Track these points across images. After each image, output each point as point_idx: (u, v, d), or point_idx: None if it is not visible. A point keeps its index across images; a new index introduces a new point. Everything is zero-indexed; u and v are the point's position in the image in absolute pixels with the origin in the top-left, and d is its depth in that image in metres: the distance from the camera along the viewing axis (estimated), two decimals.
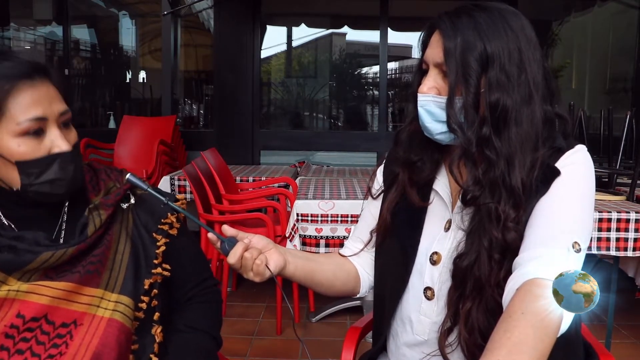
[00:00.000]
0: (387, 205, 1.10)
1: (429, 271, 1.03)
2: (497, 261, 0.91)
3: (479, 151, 0.92)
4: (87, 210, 0.97)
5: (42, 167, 0.92)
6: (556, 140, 0.95)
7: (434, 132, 0.97)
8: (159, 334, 0.99)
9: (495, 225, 0.91)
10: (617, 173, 2.81)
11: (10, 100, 0.89)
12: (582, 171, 0.94)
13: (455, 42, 0.91)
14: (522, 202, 0.91)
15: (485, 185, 0.92)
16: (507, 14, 0.94)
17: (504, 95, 0.90)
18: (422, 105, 0.96)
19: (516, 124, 0.91)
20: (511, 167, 0.90)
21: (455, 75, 0.91)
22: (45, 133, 0.93)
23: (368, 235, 1.16)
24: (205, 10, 5.14)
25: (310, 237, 2.42)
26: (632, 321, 2.92)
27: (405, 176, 1.07)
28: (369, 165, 4.80)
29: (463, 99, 0.91)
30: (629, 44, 5.05)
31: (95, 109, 5.74)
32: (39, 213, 0.98)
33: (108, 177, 1.06)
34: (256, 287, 3.31)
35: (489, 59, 0.90)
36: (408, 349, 1.07)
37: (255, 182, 3.50)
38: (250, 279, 0.99)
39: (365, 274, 1.19)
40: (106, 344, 0.90)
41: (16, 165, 0.91)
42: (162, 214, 1.05)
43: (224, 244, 0.96)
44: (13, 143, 0.90)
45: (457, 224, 1.01)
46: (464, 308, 0.93)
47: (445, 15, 0.94)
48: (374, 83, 5.66)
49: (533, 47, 0.94)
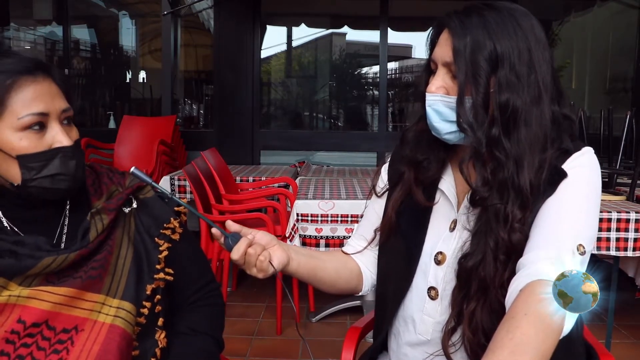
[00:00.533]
0: (392, 204, 1.09)
1: (433, 271, 1.03)
2: (502, 262, 0.91)
3: (488, 151, 0.91)
4: (89, 215, 0.96)
5: (43, 161, 0.91)
6: (563, 141, 0.95)
7: (442, 132, 0.97)
8: (163, 339, 0.98)
9: (503, 226, 0.90)
10: (617, 173, 2.81)
11: (12, 94, 0.89)
12: (588, 174, 0.94)
13: (465, 42, 0.90)
14: (529, 203, 0.90)
15: (494, 186, 0.92)
16: (517, 14, 0.93)
17: (513, 96, 0.90)
18: (430, 104, 0.96)
19: (525, 125, 0.90)
20: (520, 168, 0.90)
21: (464, 75, 0.90)
22: (46, 129, 0.92)
23: (372, 234, 1.16)
24: (205, 10, 5.14)
25: (310, 237, 2.42)
26: (632, 321, 2.92)
27: (411, 175, 1.06)
28: (369, 165, 4.80)
29: (472, 99, 0.91)
30: (629, 44, 5.05)
31: (95, 109, 5.75)
32: (40, 215, 0.98)
33: (110, 180, 1.05)
34: (256, 287, 3.31)
35: (499, 59, 0.90)
36: (410, 348, 1.07)
37: (255, 182, 3.50)
38: (253, 275, 0.98)
39: (368, 272, 1.19)
40: (107, 350, 0.90)
41: (17, 160, 0.90)
42: (165, 219, 1.05)
43: (227, 239, 0.96)
44: (14, 137, 0.90)
45: (462, 224, 1.00)
46: (468, 308, 0.93)
47: (455, 14, 0.94)
48: (374, 83, 5.66)
49: (542, 47, 0.93)
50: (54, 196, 0.95)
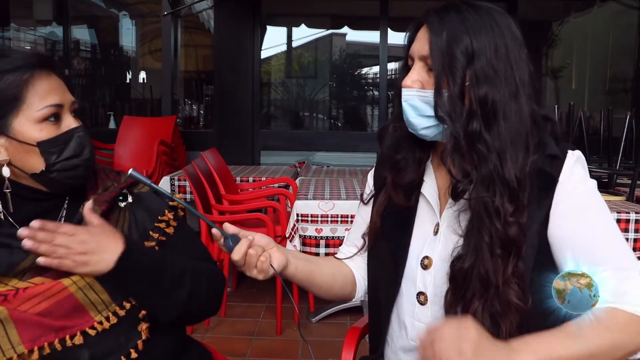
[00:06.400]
0: (377, 208, 1.09)
1: (421, 276, 1.03)
2: (501, 256, 0.90)
3: (469, 145, 0.91)
4: (82, 207, 0.97)
5: (62, 144, 0.96)
6: (548, 145, 0.95)
7: (418, 127, 0.96)
8: (145, 330, 0.99)
9: (496, 219, 0.90)
10: (617, 173, 2.81)
11: (30, 88, 0.94)
12: (591, 183, 0.96)
13: (442, 35, 0.91)
14: (518, 196, 0.90)
15: (477, 179, 0.91)
16: (494, 12, 0.94)
17: (492, 89, 0.90)
18: (406, 99, 0.96)
19: (505, 119, 0.90)
20: (503, 161, 0.90)
21: (441, 67, 0.91)
22: (61, 120, 0.98)
23: (361, 240, 1.16)
24: (205, 10, 5.14)
25: (310, 238, 2.42)
26: None
27: (390, 178, 1.07)
28: (369, 165, 4.76)
29: (449, 91, 0.91)
30: (629, 44, 5.06)
31: (95, 109, 5.75)
32: (40, 209, 0.99)
33: (106, 176, 1.07)
34: (256, 287, 3.31)
35: (475, 53, 0.90)
36: (404, 354, 1.07)
37: (255, 182, 3.50)
38: (252, 277, 0.98)
39: (360, 279, 1.18)
40: None
41: (38, 147, 0.94)
42: (160, 212, 1.06)
43: (227, 240, 0.96)
44: (35, 129, 0.94)
45: (446, 227, 1.00)
46: (471, 309, 0.92)
47: (434, 11, 0.95)
48: (374, 83, 5.66)
49: (519, 46, 0.94)
50: (74, 179, 0.99)
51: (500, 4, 0.97)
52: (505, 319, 0.89)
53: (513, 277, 0.90)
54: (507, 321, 0.89)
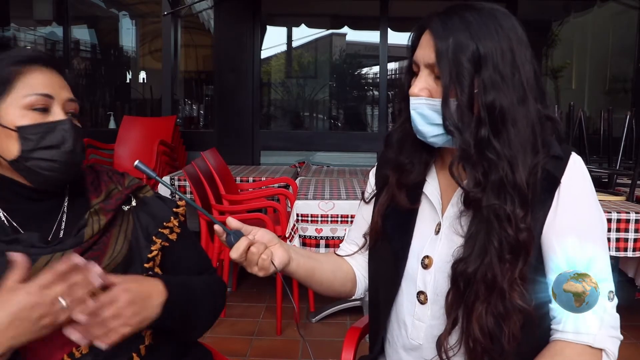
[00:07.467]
0: (378, 208, 1.09)
1: (421, 275, 1.02)
2: (509, 261, 0.90)
3: (479, 153, 0.91)
4: (88, 214, 0.96)
5: (42, 133, 0.93)
6: (551, 145, 0.95)
7: (427, 135, 0.96)
8: (149, 335, 0.98)
9: (508, 226, 0.89)
10: (617, 173, 2.81)
11: (21, 77, 0.93)
12: (591, 188, 0.96)
13: (447, 43, 0.90)
14: (528, 201, 0.90)
15: (488, 187, 0.91)
16: (498, 14, 0.93)
17: (499, 96, 0.89)
18: (414, 108, 0.95)
19: (514, 125, 0.90)
20: (514, 167, 0.89)
21: (448, 77, 0.90)
22: (50, 112, 0.95)
23: (362, 239, 1.16)
24: (205, 10, 5.14)
25: (310, 238, 2.42)
26: (632, 321, 2.91)
27: (394, 178, 1.07)
28: (369, 165, 4.76)
29: (457, 100, 0.90)
30: (629, 44, 5.06)
31: (95, 109, 5.75)
32: (39, 210, 0.98)
33: (110, 179, 1.05)
34: (256, 287, 3.31)
35: (482, 59, 0.89)
36: (405, 353, 1.07)
37: (255, 182, 3.50)
38: (254, 273, 0.98)
39: (361, 276, 1.19)
40: None
41: (17, 131, 0.92)
42: (165, 218, 1.05)
43: (229, 236, 0.96)
44: (18, 115, 0.92)
45: (448, 227, 1.00)
46: (475, 312, 0.91)
47: (436, 16, 0.94)
48: (374, 83, 5.66)
49: (524, 46, 0.93)
50: (50, 171, 0.94)
51: (500, 4, 0.96)
52: (509, 320, 0.89)
53: (521, 279, 0.89)
54: (511, 323, 0.89)
